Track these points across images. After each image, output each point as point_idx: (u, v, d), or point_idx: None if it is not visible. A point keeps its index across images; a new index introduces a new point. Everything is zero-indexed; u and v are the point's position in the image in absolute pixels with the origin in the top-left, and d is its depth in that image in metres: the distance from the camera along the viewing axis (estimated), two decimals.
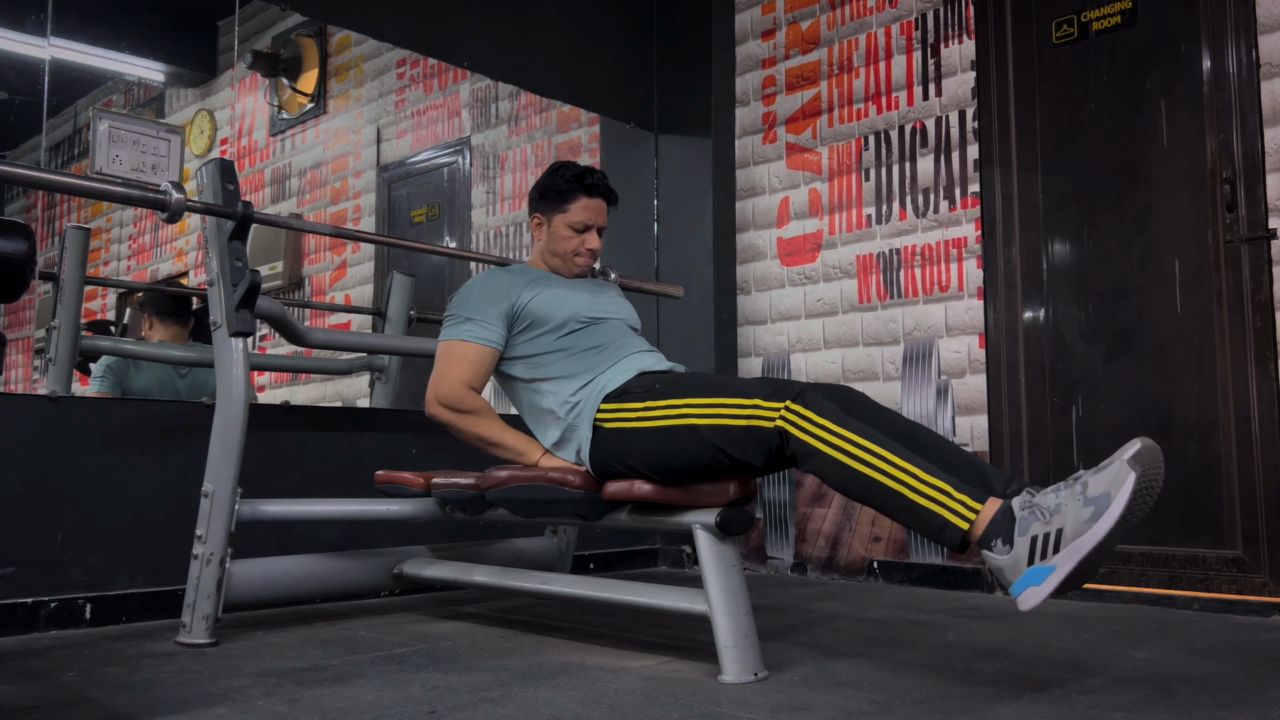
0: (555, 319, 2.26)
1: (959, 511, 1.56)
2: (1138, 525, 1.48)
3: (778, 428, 1.75)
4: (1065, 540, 1.46)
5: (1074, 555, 1.45)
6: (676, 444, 1.91)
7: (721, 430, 1.84)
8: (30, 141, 5.55)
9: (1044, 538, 1.48)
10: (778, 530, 3.51)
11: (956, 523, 1.55)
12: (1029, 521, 1.51)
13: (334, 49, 5.60)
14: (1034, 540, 1.49)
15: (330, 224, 5.36)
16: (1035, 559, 1.48)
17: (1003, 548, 1.52)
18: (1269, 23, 2.65)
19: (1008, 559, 1.52)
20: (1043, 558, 1.48)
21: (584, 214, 2.35)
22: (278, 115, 5.91)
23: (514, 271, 2.37)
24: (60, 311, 3.11)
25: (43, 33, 4.07)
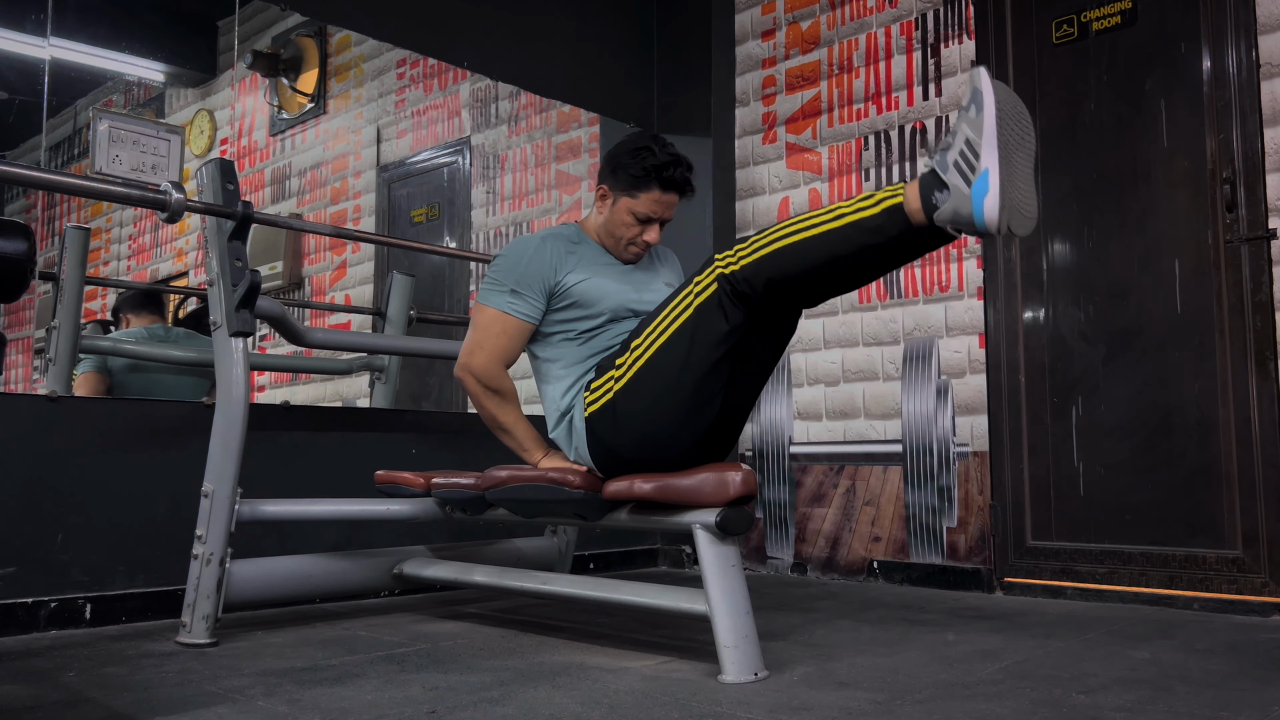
0: (592, 310, 2.19)
1: (886, 200, 1.67)
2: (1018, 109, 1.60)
3: (718, 278, 1.82)
4: (975, 142, 1.56)
5: (989, 142, 1.55)
6: (661, 376, 1.91)
7: (684, 329, 1.86)
8: (30, 141, 5.56)
9: (961, 155, 1.58)
10: (778, 530, 3.51)
11: (892, 204, 1.65)
12: (943, 158, 1.61)
13: (334, 49, 5.60)
14: (957, 164, 1.59)
15: (330, 224, 5.36)
16: (970, 177, 1.57)
17: (942, 195, 1.61)
18: (1269, 23, 2.65)
19: (951, 197, 1.60)
20: (972, 171, 1.57)
21: (653, 207, 2.19)
22: (278, 115, 5.91)
23: (565, 238, 2.25)
24: (60, 311, 3.11)
25: (43, 33, 4.07)
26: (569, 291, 2.19)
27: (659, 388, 1.93)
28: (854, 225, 1.69)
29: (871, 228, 1.68)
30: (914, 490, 3.19)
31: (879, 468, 3.28)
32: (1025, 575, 2.95)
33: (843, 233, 1.70)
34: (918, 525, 3.17)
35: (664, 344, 1.91)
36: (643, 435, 1.98)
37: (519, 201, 4.63)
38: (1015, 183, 1.58)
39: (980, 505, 3.05)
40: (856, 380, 3.37)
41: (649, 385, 1.94)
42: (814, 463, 3.44)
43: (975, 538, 3.05)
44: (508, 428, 2.23)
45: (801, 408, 3.50)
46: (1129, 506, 2.78)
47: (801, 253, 1.74)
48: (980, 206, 1.56)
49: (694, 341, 1.87)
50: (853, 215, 1.70)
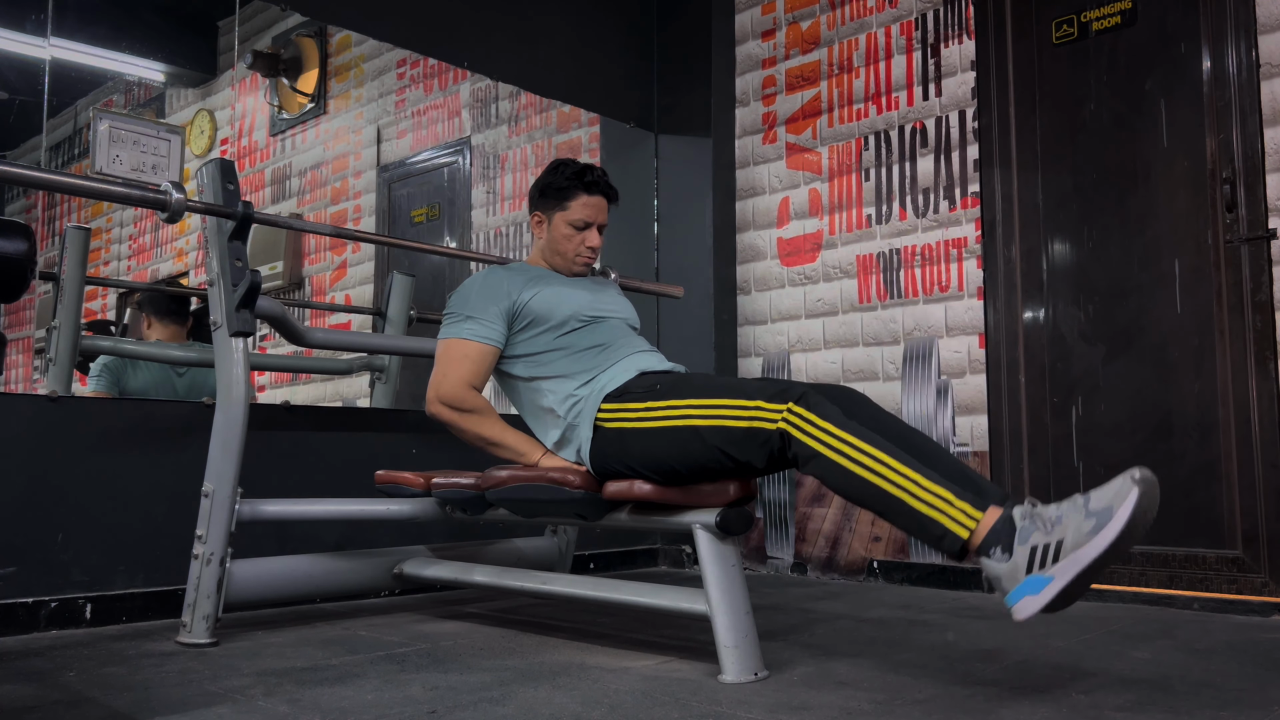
0: (555, 317, 2.25)
1: (959, 519, 1.55)
2: (1130, 550, 1.47)
3: (780, 429, 1.74)
4: (1065, 551, 1.44)
5: (1074, 566, 1.43)
6: (679, 445, 1.91)
7: (724, 432, 1.83)
8: (30, 141, 5.56)
9: (1044, 548, 1.46)
10: (778, 530, 3.51)
11: (956, 530, 1.54)
12: (1030, 530, 1.49)
13: (334, 49, 5.61)
14: (1034, 550, 1.47)
15: (330, 224, 5.36)
16: (1034, 568, 1.47)
17: (1001, 555, 1.51)
18: (1269, 23, 2.65)
19: (1006, 567, 1.50)
20: (1041, 567, 1.46)
21: (584, 211, 2.33)
22: (278, 115, 5.91)
23: (514, 269, 2.36)
24: (60, 311, 3.11)
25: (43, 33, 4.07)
26: (527, 308, 2.25)
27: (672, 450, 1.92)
28: (919, 515, 1.58)
29: (923, 523, 1.58)
30: None
31: None
32: None
33: (900, 504, 1.60)
34: None
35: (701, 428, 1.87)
36: (642, 467, 1.99)
37: (519, 201, 4.63)
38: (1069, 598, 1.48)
39: None
40: (856, 380, 3.36)
41: (665, 442, 1.94)
42: None
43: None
44: (495, 440, 2.24)
45: None
46: None
47: (865, 491, 1.65)
48: (1018, 599, 1.48)
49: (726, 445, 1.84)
50: (926, 507, 1.57)
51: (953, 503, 1.55)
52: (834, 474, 1.67)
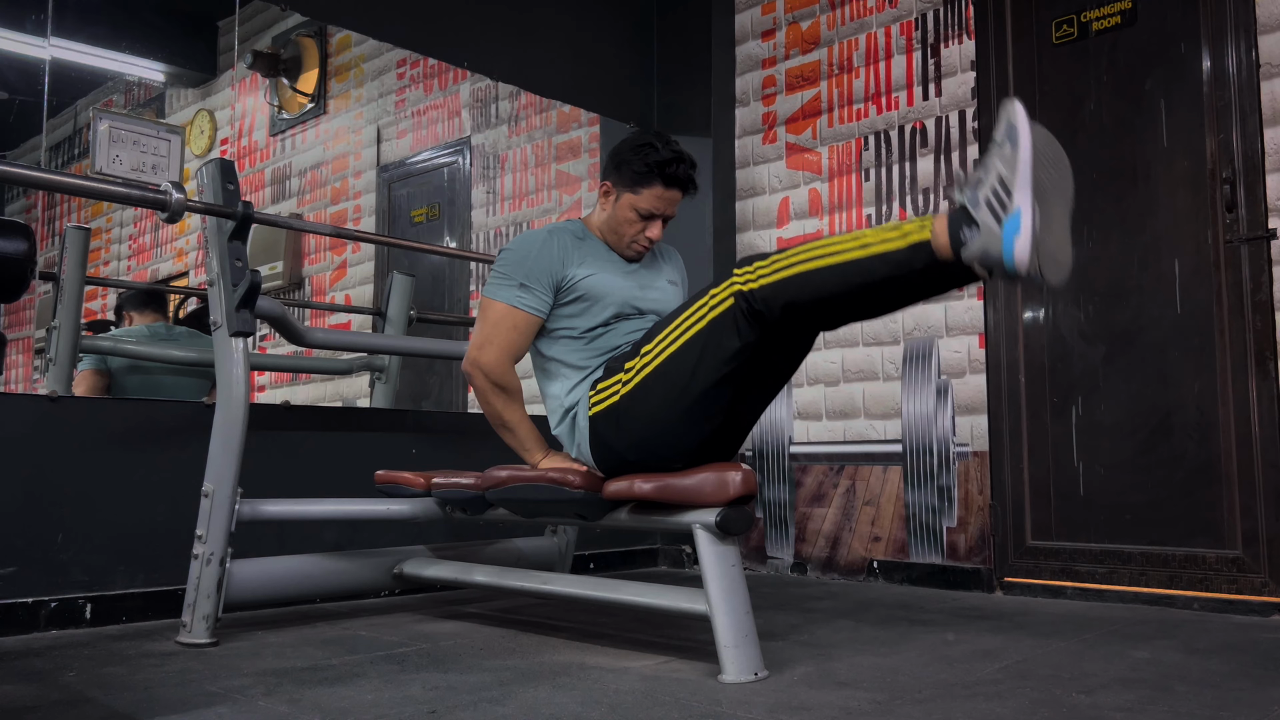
0: (596, 309, 2.17)
1: (916, 235, 1.60)
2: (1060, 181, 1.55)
3: (734, 294, 1.77)
4: (1009, 181, 1.50)
5: (1024, 181, 1.50)
6: (667, 382, 1.88)
7: (695, 340, 1.83)
8: (30, 141, 5.56)
9: (993, 193, 1.53)
10: (778, 530, 3.51)
11: (919, 238, 1.59)
12: (974, 194, 1.55)
13: (334, 49, 5.61)
14: (989, 201, 1.53)
15: (330, 224, 5.36)
16: (999, 216, 1.52)
17: (973, 232, 1.55)
18: (1269, 23, 2.65)
19: (982, 236, 1.55)
20: (1004, 210, 1.51)
21: (654, 203, 2.18)
22: (278, 115, 5.91)
23: (570, 234, 2.24)
24: (60, 311, 3.11)
25: (43, 33, 4.07)
26: (575, 285, 2.17)
27: (664, 395, 1.92)
28: (879, 257, 1.63)
29: (896, 261, 1.62)
30: (914, 490, 3.19)
31: (879, 468, 3.28)
32: (1025, 575, 2.95)
33: (867, 264, 1.65)
34: (918, 525, 3.17)
35: (674, 353, 1.89)
36: (644, 438, 1.98)
37: (519, 201, 4.63)
38: (1051, 228, 1.53)
39: (980, 505, 3.05)
40: (856, 380, 3.37)
41: (655, 391, 1.93)
42: (814, 462, 3.44)
43: (975, 538, 3.05)
44: (511, 426, 2.20)
45: (801, 408, 3.50)
46: (1129, 506, 2.78)
47: (823, 279, 1.69)
48: (1011, 247, 1.51)
49: (704, 354, 1.84)
50: (879, 246, 1.64)
51: (900, 227, 1.63)
52: (799, 286, 1.71)
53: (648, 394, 1.94)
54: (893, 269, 1.63)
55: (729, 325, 1.80)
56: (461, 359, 2.33)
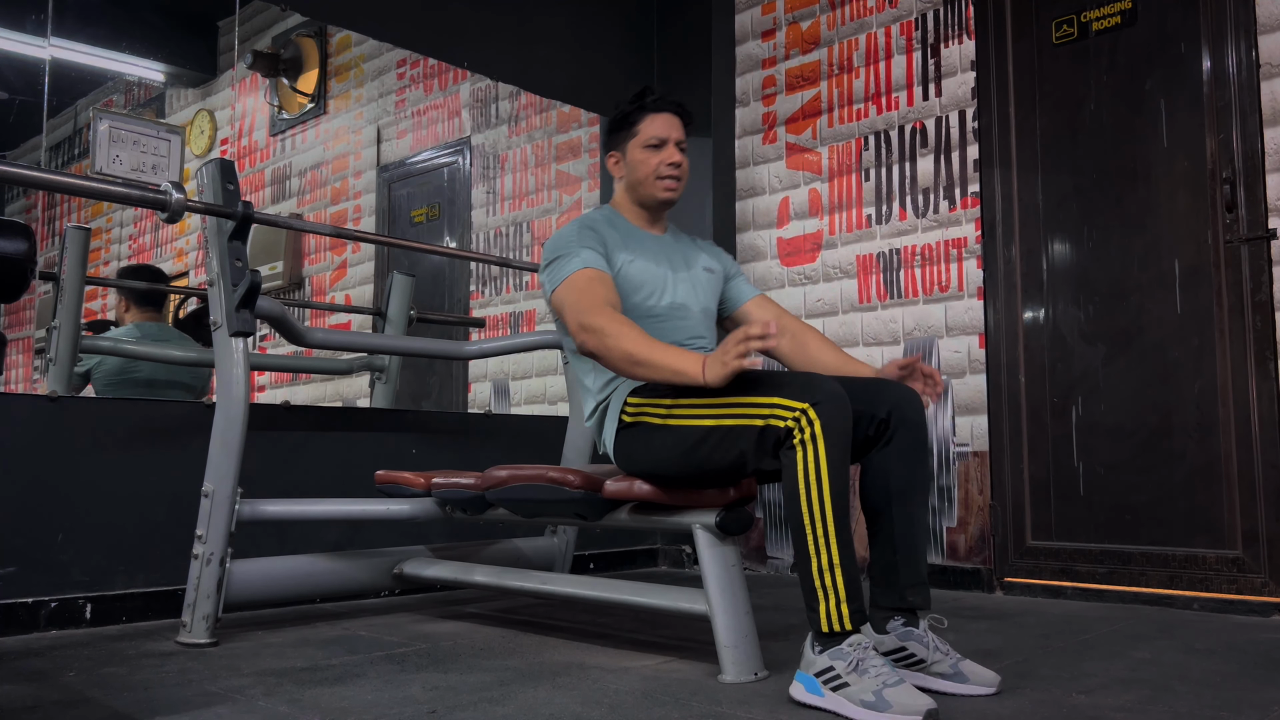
0: (639, 296, 2.10)
1: (832, 618, 1.68)
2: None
3: (788, 427, 1.72)
4: (843, 691, 1.60)
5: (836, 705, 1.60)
6: (703, 445, 1.84)
7: (745, 431, 1.78)
8: (30, 141, 5.56)
9: (837, 677, 1.62)
10: (778, 530, 3.51)
11: (822, 620, 1.68)
12: (848, 657, 1.63)
13: (334, 49, 5.60)
14: (834, 670, 1.63)
15: (330, 224, 5.36)
16: (823, 675, 1.63)
17: (815, 651, 1.67)
18: (1269, 23, 2.65)
19: (809, 658, 1.67)
20: (827, 683, 1.63)
21: (656, 128, 2.15)
22: (278, 115, 5.91)
23: (604, 220, 2.18)
24: (60, 311, 3.11)
25: (43, 33, 4.07)
26: (620, 271, 2.09)
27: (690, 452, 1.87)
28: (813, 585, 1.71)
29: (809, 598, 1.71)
30: None
31: None
32: (1025, 575, 2.95)
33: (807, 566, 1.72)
34: None
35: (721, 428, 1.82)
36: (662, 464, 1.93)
37: (519, 201, 4.63)
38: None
39: (980, 505, 3.05)
40: None
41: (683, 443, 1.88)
42: None
43: (975, 538, 3.05)
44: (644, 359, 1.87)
45: None
46: (1129, 506, 2.78)
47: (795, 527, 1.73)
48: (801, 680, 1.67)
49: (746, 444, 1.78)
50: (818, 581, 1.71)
51: (842, 602, 1.69)
52: (788, 491, 1.73)
53: (677, 440, 1.89)
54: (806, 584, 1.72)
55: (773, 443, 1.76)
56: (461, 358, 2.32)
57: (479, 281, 4.75)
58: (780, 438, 1.73)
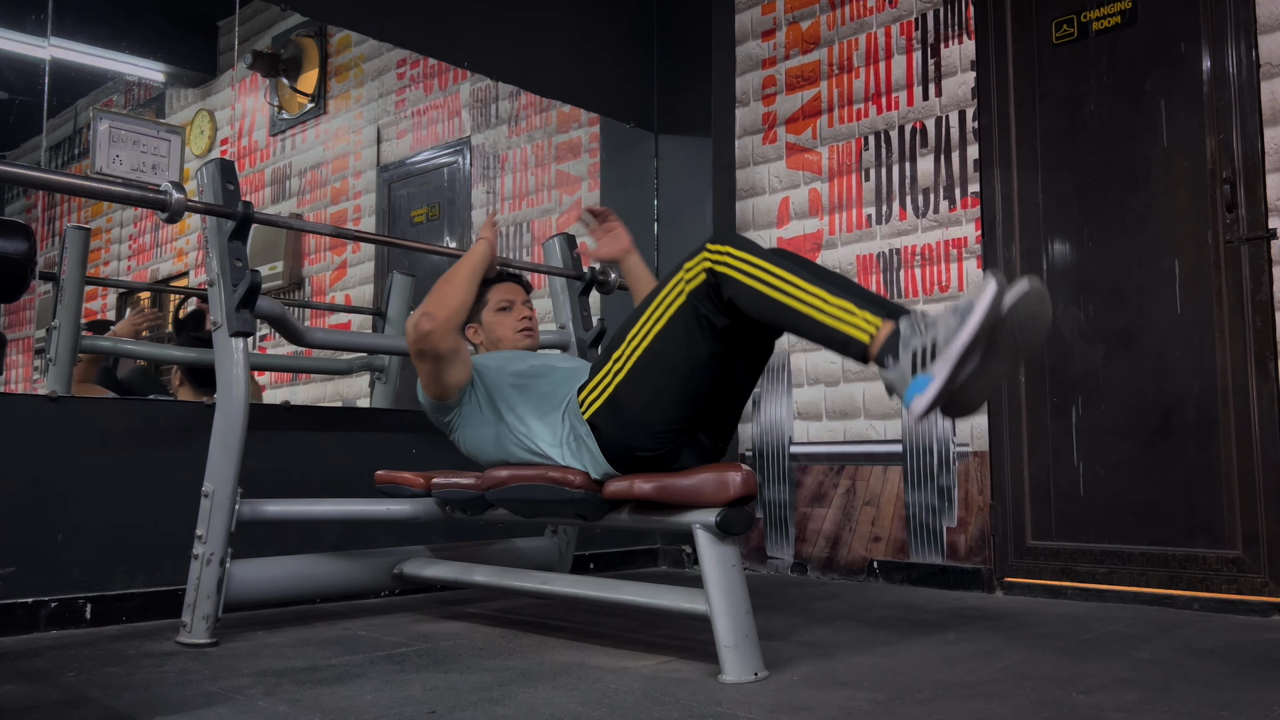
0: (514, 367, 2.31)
1: (860, 326, 1.70)
2: (1022, 345, 1.62)
3: (706, 270, 1.85)
4: (939, 349, 1.59)
5: (947, 361, 1.58)
6: (661, 360, 1.93)
7: (677, 318, 1.89)
8: (30, 141, 5.55)
9: (921, 349, 1.62)
10: (778, 530, 3.51)
11: (859, 336, 1.69)
12: (910, 337, 1.65)
13: (334, 49, 5.60)
14: (914, 353, 1.62)
15: (330, 224, 5.36)
16: (917, 369, 1.62)
17: (892, 363, 1.66)
18: (1269, 23, 2.65)
19: (896, 373, 1.65)
20: (923, 368, 1.61)
21: (501, 295, 2.46)
22: (278, 115, 5.91)
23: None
24: (60, 311, 3.11)
25: (43, 33, 4.07)
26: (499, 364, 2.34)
27: (655, 380, 1.95)
28: (823, 325, 1.74)
29: (833, 337, 1.74)
30: (914, 490, 3.19)
31: (879, 468, 3.28)
32: (1025, 575, 2.95)
33: (813, 322, 1.76)
34: (918, 525, 3.17)
35: (659, 335, 1.94)
36: (643, 425, 1.97)
37: (519, 201, 4.63)
38: (982, 378, 1.61)
39: (980, 505, 3.05)
40: (856, 380, 3.37)
41: (645, 379, 1.96)
42: (814, 463, 3.44)
43: (975, 538, 3.05)
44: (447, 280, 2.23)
45: (801, 408, 3.50)
46: (1129, 506, 2.78)
47: (770, 309, 1.80)
48: (911, 397, 1.64)
49: (688, 331, 1.90)
50: (829, 319, 1.74)
51: (854, 312, 1.71)
52: (750, 296, 1.80)
53: (640, 384, 1.97)
54: (826, 335, 1.75)
55: (707, 301, 1.88)
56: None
57: None
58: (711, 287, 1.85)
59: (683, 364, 1.92)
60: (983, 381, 1.62)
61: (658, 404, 1.96)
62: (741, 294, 1.81)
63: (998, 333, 1.59)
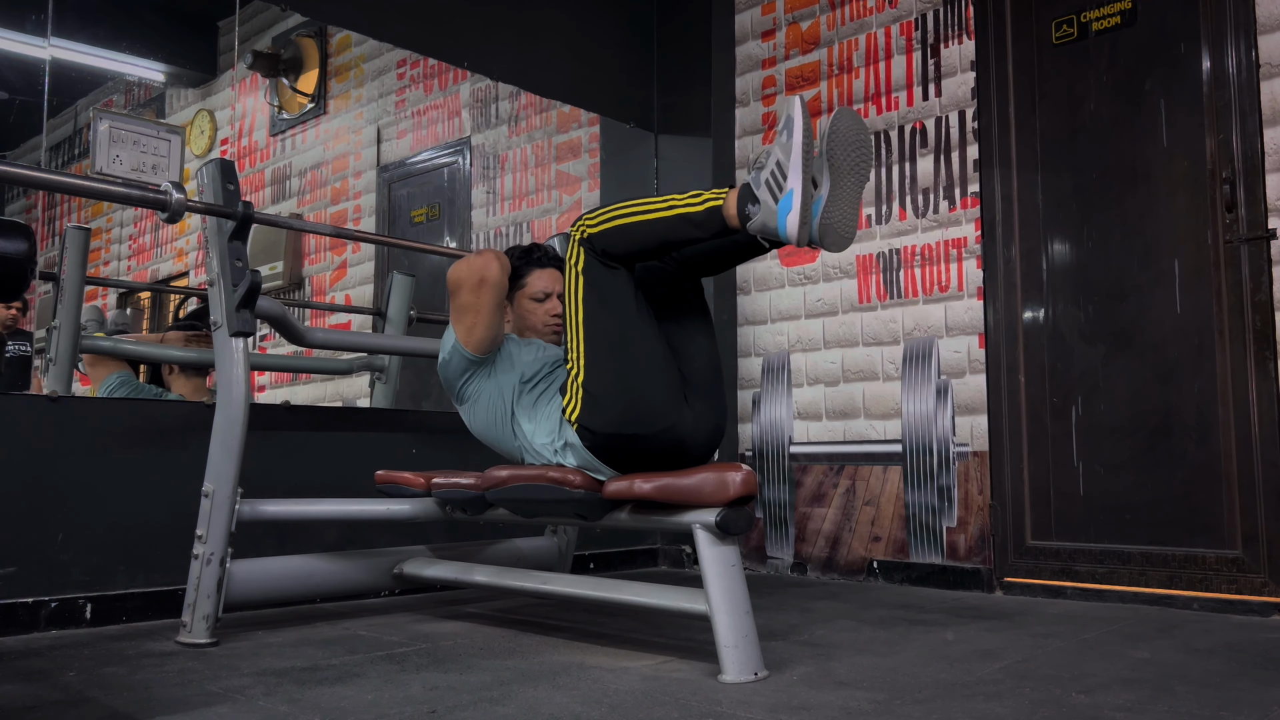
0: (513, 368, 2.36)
1: (711, 199, 1.89)
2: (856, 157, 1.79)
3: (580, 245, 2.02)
4: (784, 166, 1.77)
5: (795, 169, 1.76)
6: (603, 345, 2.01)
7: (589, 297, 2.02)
8: (31, 141, 5.55)
9: (771, 175, 1.79)
10: (778, 530, 3.51)
11: (715, 203, 1.87)
12: (757, 176, 1.83)
13: (334, 49, 5.60)
14: (766, 183, 1.80)
15: (330, 224, 5.36)
16: (777, 195, 1.79)
17: (754, 208, 1.82)
18: (1269, 23, 2.65)
19: (762, 212, 1.81)
20: (779, 190, 1.78)
21: (541, 283, 2.45)
22: (278, 115, 5.91)
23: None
24: (60, 311, 3.11)
25: (43, 33, 4.07)
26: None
27: (609, 357, 2.00)
28: (681, 217, 1.90)
29: (695, 222, 1.90)
30: (914, 490, 3.19)
31: (879, 468, 3.28)
32: (1025, 575, 2.95)
33: (671, 221, 1.92)
34: (918, 525, 3.17)
35: (585, 318, 2.02)
36: (627, 407, 1.99)
37: (519, 201, 4.63)
38: (838, 203, 1.77)
39: (980, 505, 3.05)
40: (856, 380, 3.37)
41: (601, 361, 2.01)
42: (814, 463, 3.45)
43: (975, 537, 3.05)
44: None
45: (801, 408, 3.50)
46: (1129, 506, 2.78)
47: (635, 232, 1.95)
48: (784, 222, 1.78)
49: (604, 301, 2.00)
50: (682, 208, 1.91)
51: (700, 193, 1.92)
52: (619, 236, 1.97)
53: (597, 368, 2.02)
54: (691, 228, 1.90)
55: (598, 267, 2.00)
56: None
57: None
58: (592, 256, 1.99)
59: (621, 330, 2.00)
60: (843, 202, 1.77)
61: (625, 380, 2.00)
62: (609, 237, 1.97)
63: (832, 150, 1.77)
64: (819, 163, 1.80)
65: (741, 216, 1.84)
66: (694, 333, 2.12)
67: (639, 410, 1.99)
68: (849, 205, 1.80)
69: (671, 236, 1.93)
